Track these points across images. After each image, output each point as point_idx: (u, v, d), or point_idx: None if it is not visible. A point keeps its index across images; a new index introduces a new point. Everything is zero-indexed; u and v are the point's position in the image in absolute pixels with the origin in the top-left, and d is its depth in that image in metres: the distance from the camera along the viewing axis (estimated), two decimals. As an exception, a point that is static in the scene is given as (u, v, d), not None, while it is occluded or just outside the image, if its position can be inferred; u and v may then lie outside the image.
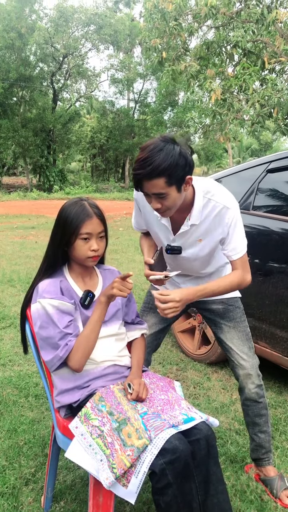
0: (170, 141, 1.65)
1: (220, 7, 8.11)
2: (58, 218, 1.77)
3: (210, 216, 1.83)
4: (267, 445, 2.17)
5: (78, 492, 2.09)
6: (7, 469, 2.24)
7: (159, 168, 1.61)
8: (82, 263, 1.80)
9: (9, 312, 4.70)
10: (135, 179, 1.70)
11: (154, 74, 31.20)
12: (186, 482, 1.50)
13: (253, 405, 2.13)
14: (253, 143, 45.42)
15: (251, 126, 8.05)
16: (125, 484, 1.46)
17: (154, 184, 1.65)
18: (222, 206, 1.82)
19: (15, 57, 28.08)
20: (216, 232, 1.86)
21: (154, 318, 2.23)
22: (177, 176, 1.65)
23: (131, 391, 1.67)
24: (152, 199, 1.72)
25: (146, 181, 1.66)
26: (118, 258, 7.90)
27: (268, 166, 3.18)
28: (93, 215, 1.74)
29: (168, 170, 1.61)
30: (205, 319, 2.23)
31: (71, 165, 42.97)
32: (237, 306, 2.16)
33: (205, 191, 1.83)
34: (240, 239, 1.89)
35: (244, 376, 2.10)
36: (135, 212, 2.12)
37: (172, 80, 9.23)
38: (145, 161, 1.62)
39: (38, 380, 3.15)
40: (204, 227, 1.86)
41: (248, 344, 2.14)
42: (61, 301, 1.71)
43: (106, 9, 29.93)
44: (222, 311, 2.14)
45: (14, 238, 10.29)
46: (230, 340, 2.12)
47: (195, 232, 1.88)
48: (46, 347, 1.71)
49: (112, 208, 18.96)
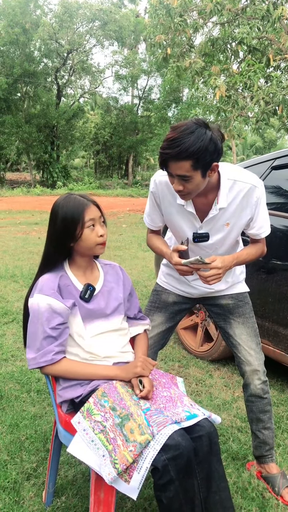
0: (203, 125, 1.62)
1: (226, 4, 8.09)
2: (55, 217, 1.76)
3: (237, 197, 1.83)
4: (270, 441, 2.16)
5: (80, 487, 2.09)
6: (8, 463, 2.24)
7: (188, 151, 1.58)
8: (92, 252, 1.81)
9: (11, 307, 4.71)
10: (161, 158, 1.67)
11: (158, 71, 31.13)
12: (188, 478, 1.50)
13: (258, 401, 2.13)
14: (257, 141, 45.30)
15: (256, 123, 8.04)
16: (127, 480, 1.46)
17: (180, 166, 1.63)
18: (250, 185, 1.82)
19: (19, 52, 28.08)
20: (244, 213, 1.86)
21: (160, 318, 2.21)
22: (204, 161, 1.63)
23: (142, 388, 1.67)
24: (175, 180, 1.70)
25: (173, 161, 1.64)
26: (121, 255, 7.90)
27: (273, 163, 3.17)
28: (89, 202, 1.76)
29: (196, 154, 1.59)
30: (213, 315, 2.21)
31: (75, 161, 42.95)
32: (246, 302, 2.16)
33: (229, 173, 1.83)
34: (267, 218, 1.92)
35: (250, 372, 2.09)
36: (149, 208, 2.05)
37: (176, 76, 9.21)
38: (174, 141, 1.60)
39: (40, 375, 3.15)
40: (232, 210, 1.85)
41: (256, 340, 2.13)
42: (55, 300, 1.71)
43: (111, 5, 29.87)
44: (232, 306, 2.13)
45: (17, 234, 10.30)
46: (239, 336, 2.11)
47: (222, 216, 1.86)
48: (30, 343, 1.73)
49: (116, 204, 18.96)
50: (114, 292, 1.90)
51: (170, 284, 2.21)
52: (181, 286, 2.17)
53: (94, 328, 1.80)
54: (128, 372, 1.72)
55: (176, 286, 2.19)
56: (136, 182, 34.00)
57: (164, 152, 1.63)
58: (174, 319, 2.23)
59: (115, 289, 1.91)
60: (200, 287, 2.11)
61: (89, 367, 1.74)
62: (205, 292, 2.12)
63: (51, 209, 1.80)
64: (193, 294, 2.16)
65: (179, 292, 2.19)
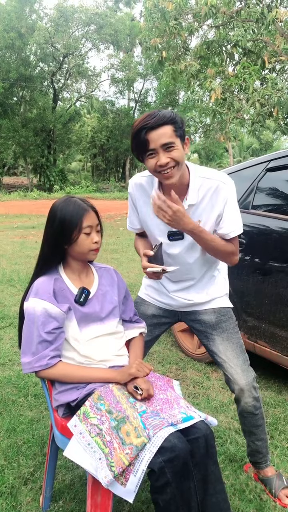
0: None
1: (220, 6, 8.12)
2: (53, 218, 1.76)
3: (207, 195, 1.84)
4: (264, 450, 2.14)
5: (77, 491, 2.09)
6: (6, 468, 2.23)
7: (166, 117, 1.68)
8: (84, 257, 1.81)
9: (8, 311, 4.70)
10: (139, 138, 1.70)
11: (154, 74, 31.21)
12: (185, 480, 1.50)
13: (250, 417, 2.07)
14: (254, 143, 45.39)
15: (252, 125, 8.06)
16: (123, 483, 1.46)
17: (162, 133, 1.68)
18: (218, 182, 1.83)
19: (15, 57, 28.13)
20: (214, 210, 1.86)
21: None
22: (180, 130, 1.71)
23: (141, 392, 1.66)
24: (160, 154, 1.70)
25: (154, 131, 1.67)
26: (118, 258, 7.90)
27: (267, 165, 3.18)
28: (89, 208, 1.77)
29: (174, 119, 1.69)
30: (195, 332, 2.15)
31: (72, 165, 42.97)
32: (230, 317, 2.09)
33: (200, 172, 1.86)
34: (236, 217, 1.88)
35: (239, 390, 2.01)
36: (129, 209, 2.09)
37: (172, 79, 9.24)
38: (149, 115, 1.70)
39: (37, 380, 3.15)
40: (202, 207, 1.86)
41: (243, 356, 2.04)
42: (51, 304, 1.71)
43: (107, 8, 29.99)
44: (214, 321, 2.07)
45: (14, 238, 10.29)
46: (224, 352, 2.03)
47: (194, 212, 1.87)
48: (25, 347, 1.73)
49: (113, 207, 18.97)
50: (109, 295, 1.90)
51: (150, 296, 2.18)
52: (160, 297, 2.14)
53: (90, 332, 1.80)
54: (123, 374, 1.72)
55: (155, 297, 2.16)
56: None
57: (144, 124, 1.68)
58: (151, 332, 2.17)
59: (110, 292, 1.91)
60: (179, 298, 2.08)
61: (85, 371, 1.74)
62: (184, 304, 2.08)
63: (49, 210, 1.80)
64: (172, 305, 2.12)
65: (159, 304, 2.15)
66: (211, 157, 41.21)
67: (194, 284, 2.06)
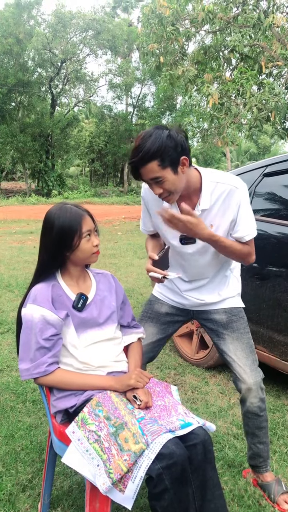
0: (161, 128, 1.72)
1: (217, 12, 8.17)
2: (50, 227, 1.75)
3: (219, 199, 1.85)
4: (265, 454, 2.15)
5: (75, 498, 2.08)
6: (4, 475, 2.22)
7: (150, 152, 1.66)
8: (87, 261, 1.83)
9: (7, 317, 4.69)
10: (131, 169, 1.76)
11: (152, 79, 31.29)
12: (183, 487, 1.49)
13: (254, 418, 2.08)
14: (252, 147, 45.53)
15: (249, 130, 8.09)
16: (121, 490, 1.45)
17: (148, 169, 1.70)
18: (231, 186, 1.84)
19: (13, 62, 28.17)
20: (227, 215, 1.86)
21: (152, 328, 2.20)
22: (169, 158, 1.69)
23: (139, 403, 1.67)
24: (153, 185, 1.76)
25: (141, 167, 1.71)
26: (117, 263, 7.90)
27: (264, 170, 3.19)
28: (85, 213, 1.78)
29: (158, 152, 1.67)
30: (207, 330, 2.18)
31: (70, 170, 42.98)
32: (241, 317, 2.12)
33: (212, 176, 1.87)
34: (250, 220, 1.89)
35: (246, 390, 2.03)
36: (142, 212, 2.12)
37: (169, 84, 9.28)
38: (137, 149, 1.69)
39: (35, 386, 3.14)
40: (215, 212, 1.87)
41: (252, 357, 2.06)
42: (49, 311, 1.71)
43: (104, 14, 30.04)
44: (225, 321, 2.09)
45: (13, 243, 10.29)
46: (234, 351, 2.06)
47: (206, 217, 1.87)
48: (22, 354, 1.73)
49: (111, 212, 18.97)
50: (107, 300, 1.90)
51: (163, 294, 2.21)
52: (174, 296, 2.17)
53: (88, 338, 1.80)
54: (122, 384, 1.72)
55: (169, 296, 2.18)
56: (131, 190, 34.05)
57: (131, 161, 1.73)
58: (165, 331, 2.21)
59: (107, 298, 1.91)
60: (191, 298, 2.11)
61: (83, 378, 1.73)
62: (196, 303, 2.11)
63: (44, 219, 1.80)
64: (185, 305, 2.15)
65: (172, 303, 2.18)
66: (209, 161, 41.29)
67: (206, 284, 2.08)
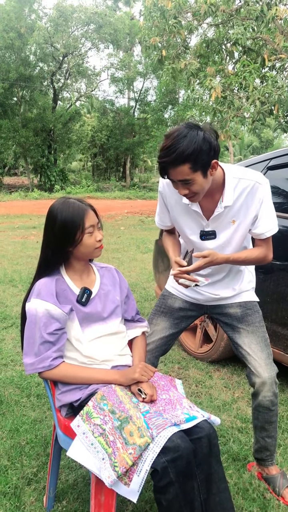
0: (194, 127, 1.66)
1: (220, 5, 8.11)
2: (53, 222, 1.74)
3: (242, 195, 1.85)
4: (272, 448, 2.15)
5: (80, 491, 2.09)
6: (9, 469, 2.23)
7: (184, 155, 1.62)
8: (91, 256, 1.82)
9: (10, 312, 4.70)
10: (160, 167, 1.72)
11: (154, 73, 31.13)
12: (188, 480, 1.50)
13: (265, 412, 2.08)
14: (254, 141, 45.37)
15: (252, 123, 8.04)
16: (127, 483, 1.46)
17: (179, 171, 1.67)
18: (254, 182, 1.83)
19: (15, 57, 28.08)
20: (249, 211, 1.87)
21: (164, 322, 2.19)
22: (202, 162, 1.66)
23: (144, 396, 1.67)
24: (179, 186, 1.74)
25: (172, 168, 1.68)
26: (120, 257, 7.90)
27: (268, 163, 3.18)
28: (88, 208, 1.77)
29: (192, 156, 1.63)
30: (222, 325, 2.17)
31: (72, 165, 42.95)
32: (256, 310, 2.11)
33: (235, 172, 1.86)
34: (272, 216, 1.90)
35: (260, 384, 2.02)
36: (159, 207, 2.10)
37: (172, 78, 9.23)
38: (169, 149, 1.64)
39: (40, 380, 3.15)
40: (237, 207, 1.86)
41: (267, 351, 2.06)
42: (53, 305, 1.71)
43: (106, 8, 29.88)
44: (240, 315, 2.09)
45: (16, 238, 10.30)
46: (248, 345, 2.05)
47: (228, 213, 1.87)
48: (27, 348, 1.73)
49: (113, 207, 18.96)
50: (111, 295, 1.90)
51: (177, 289, 2.20)
52: (187, 291, 2.15)
53: (92, 332, 1.80)
54: (127, 378, 1.72)
55: (182, 291, 2.17)
56: (133, 184, 33.99)
57: (162, 160, 1.68)
58: (178, 325, 2.20)
59: (111, 292, 1.91)
60: (205, 293, 2.10)
61: (88, 372, 1.73)
62: (211, 298, 2.11)
63: (47, 214, 1.79)
64: (199, 300, 2.14)
65: (186, 298, 2.18)
66: (211, 155, 41.06)
67: (221, 279, 2.08)
